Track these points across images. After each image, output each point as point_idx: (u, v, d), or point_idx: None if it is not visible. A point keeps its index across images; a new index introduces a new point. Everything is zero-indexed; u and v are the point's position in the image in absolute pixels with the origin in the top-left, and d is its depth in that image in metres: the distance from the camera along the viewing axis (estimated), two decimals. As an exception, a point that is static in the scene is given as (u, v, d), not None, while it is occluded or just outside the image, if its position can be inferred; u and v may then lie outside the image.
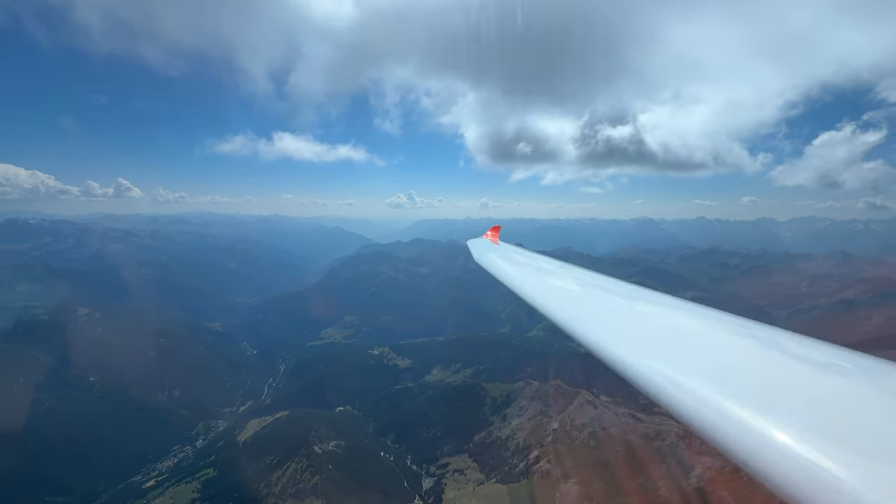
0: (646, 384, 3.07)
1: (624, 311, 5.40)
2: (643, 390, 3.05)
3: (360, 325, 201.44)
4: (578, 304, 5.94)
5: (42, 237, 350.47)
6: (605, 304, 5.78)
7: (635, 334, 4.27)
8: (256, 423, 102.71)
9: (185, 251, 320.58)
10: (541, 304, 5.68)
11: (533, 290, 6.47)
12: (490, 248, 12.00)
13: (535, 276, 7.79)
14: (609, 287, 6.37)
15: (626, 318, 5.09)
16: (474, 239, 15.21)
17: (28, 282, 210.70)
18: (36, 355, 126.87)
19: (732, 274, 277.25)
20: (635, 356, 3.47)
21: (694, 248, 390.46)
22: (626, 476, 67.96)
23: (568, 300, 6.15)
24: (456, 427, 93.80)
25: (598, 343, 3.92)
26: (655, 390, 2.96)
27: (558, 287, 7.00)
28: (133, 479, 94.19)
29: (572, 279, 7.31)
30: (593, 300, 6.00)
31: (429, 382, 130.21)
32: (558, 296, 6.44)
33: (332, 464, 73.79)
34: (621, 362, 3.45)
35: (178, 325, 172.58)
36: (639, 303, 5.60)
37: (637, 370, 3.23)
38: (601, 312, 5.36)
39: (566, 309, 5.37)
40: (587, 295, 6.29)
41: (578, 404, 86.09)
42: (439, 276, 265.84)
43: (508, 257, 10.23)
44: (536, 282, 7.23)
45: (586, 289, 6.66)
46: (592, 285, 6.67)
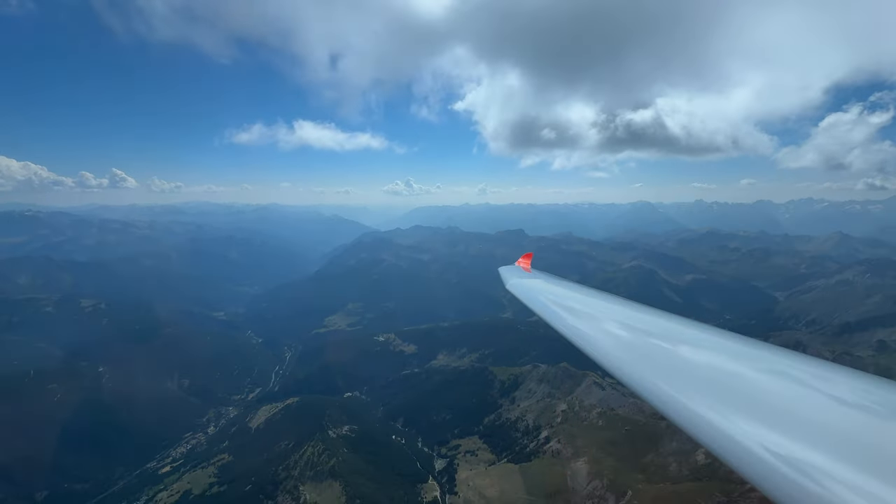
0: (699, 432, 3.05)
1: (679, 357, 5.04)
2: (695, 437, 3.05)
3: (364, 313, 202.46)
4: (622, 343, 5.69)
5: (38, 230, 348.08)
6: (650, 346, 5.42)
7: (697, 387, 4.03)
8: (267, 410, 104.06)
9: (185, 241, 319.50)
10: (583, 345, 5.66)
11: (573, 329, 6.36)
12: (523, 277, 11.92)
13: (573, 313, 7.51)
14: (653, 324, 6.07)
15: (681, 365, 4.76)
16: (506, 266, 14.95)
17: (29, 274, 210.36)
18: (44, 347, 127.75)
19: (732, 256, 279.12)
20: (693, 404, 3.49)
21: (693, 231, 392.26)
22: (636, 454, 69.71)
23: (611, 339, 5.85)
24: (465, 410, 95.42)
25: (642, 385, 4.07)
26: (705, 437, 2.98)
27: (600, 324, 6.67)
28: (148, 466, 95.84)
29: (610, 313, 7.14)
30: (635, 340, 5.76)
31: (435, 367, 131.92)
32: (600, 334, 6.12)
33: (346, 447, 75.27)
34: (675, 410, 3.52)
35: (182, 315, 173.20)
36: (695, 348, 5.19)
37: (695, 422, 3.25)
38: (648, 353, 5.16)
39: (609, 349, 5.34)
40: (629, 335, 5.97)
41: (586, 386, 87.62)
42: (440, 263, 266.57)
43: (544, 289, 10.00)
44: (576, 319, 6.99)
45: (624, 324, 6.38)
46: (632, 321, 6.43)
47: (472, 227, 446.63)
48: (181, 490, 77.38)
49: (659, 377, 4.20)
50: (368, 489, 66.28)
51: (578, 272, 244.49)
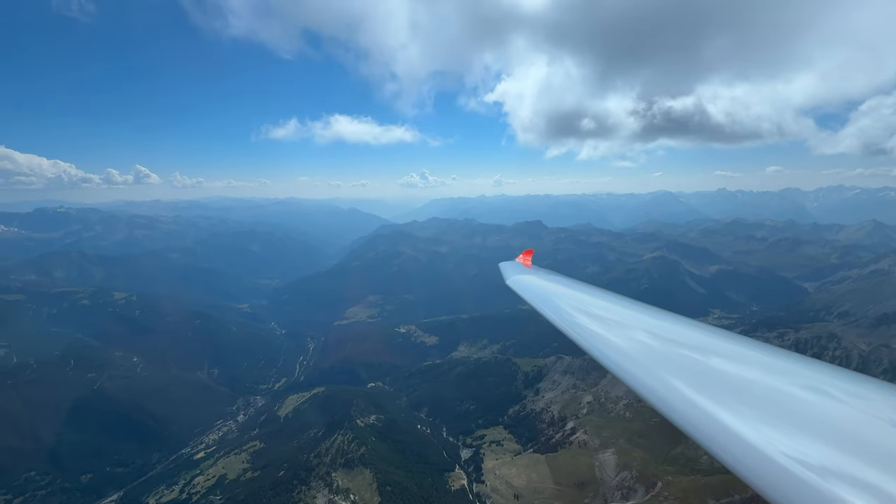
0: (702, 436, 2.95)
1: (669, 351, 4.92)
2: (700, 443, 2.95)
3: (384, 304, 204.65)
4: (621, 340, 5.41)
5: (70, 225, 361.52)
6: (651, 345, 5.20)
7: (689, 378, 4.01)
8: (295, 399, 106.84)
9: (209, 236, 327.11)
10: (581, 342, 5.51)
11: (571, 325, 6.28)
12: (524, 273, 11.78)
13: (572, 310, 7.38)
14: (656, 322, 5.87)
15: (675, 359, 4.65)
16: (506, 262, 14.89)
17: (65, 269, 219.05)
18: (82, 338, 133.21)
19: (759, 246, 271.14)
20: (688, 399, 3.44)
21: (716, 221, 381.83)
22: (665, 445, 69.04)
23: (610, 336, 5.61)
24: (489, 401, 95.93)
25: (643, 384, 3.94)
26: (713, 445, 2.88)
27: (598, 320, 6.45)
28: (183, 452, 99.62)
29: (610, 311, 6.92)
30: (635, 338, 5.47)
31: (457, 358, 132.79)
32: (599, 330, 5.92)
33: (374, 436, 76.71)
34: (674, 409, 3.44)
35: (209, 307, 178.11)
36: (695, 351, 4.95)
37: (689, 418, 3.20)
38: (649, 354, 4.93)
39: (607, 346, 5.19)
40: (628, 332, 5.71)
41: (612, 377, 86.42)
42: (458, 255, 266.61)
43: (544, 286, 9.82)
44: (575, 316, 6.87)
45: (623, 322, 6.17)
46: (634, 321, 6.15)
47: (489, 218, 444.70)
48: (216, 475, 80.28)
49: (659, 375, 4.09)
50: (398, 477, 67.51)
51: (599, 263, 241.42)
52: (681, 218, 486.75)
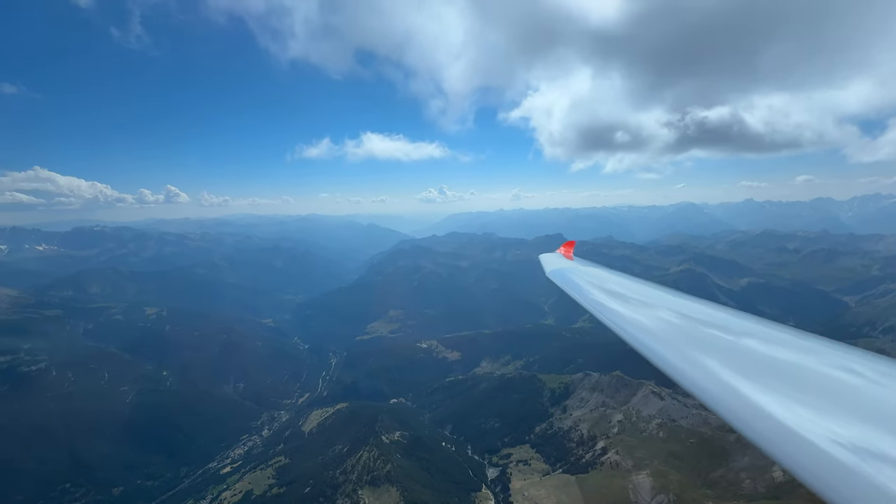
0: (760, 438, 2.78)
1: (730, 349, 4.56)
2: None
3: (405, 320, 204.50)
4: (675, 332, 5.17)
5: (105, 243, 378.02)
6: (709, 336, 4.96)
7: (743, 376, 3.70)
8: (319, 414, 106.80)
9: (234, 252, 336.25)
10: (631, 336, 5.16)
11: (619, 318, 5.93)
12: (565, 266, 11.36)
13: (619, 302, 6.99)
14: (705, 315, 5.60)
15: (733, 357, 4.31)
16: (546, 254, 14.51)
17: (99, 284, 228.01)
18: (116, 352, 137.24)
19: (792, 258, 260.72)
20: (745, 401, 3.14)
21: (745, 233, 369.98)
22: (703, 468, 65.76)
23: (663, 328, 5.34)
24: (514, 418, 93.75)
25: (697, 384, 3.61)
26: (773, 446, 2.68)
27: (650, 311, 6.18)
28: (209, 466, 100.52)
29: (662, 301, 6.57)
30: (691, 333, 5.17)
31: (480, 374, 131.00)
32: (651, 322, 5.61)
33: (399, 453, 75.73)
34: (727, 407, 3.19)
35: (235, 321, 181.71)
36: (746, 338, 4.74)
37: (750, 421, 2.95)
38: (707, 344, 4.68)
39: (661, 339, 4.87)
40: (682, 326, 5.44)
41: (643, 395, 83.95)
42: (479, 269, 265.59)
43: (587, 279, 9.37)
44: (623, 308, 6.52)
45: (679, 317, 5.82)
46: (686, 313, 5.87)
47: (508, 232, 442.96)
48: (243, 490, 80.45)
49: (718, 369, 3.79)
50: (425, 496, 66.22)
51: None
52: (706, 230, 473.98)
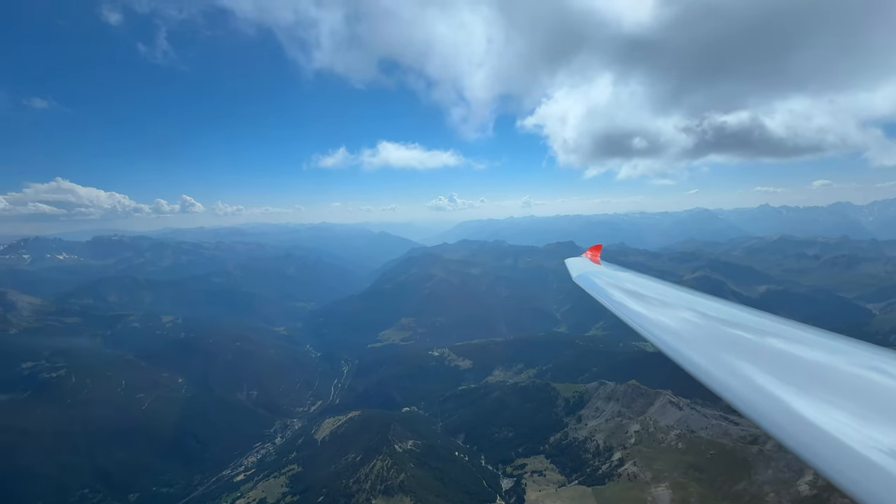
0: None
1: (770, 353, 4.33)
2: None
3: (416, 328, 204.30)
4: (709, 337, 4.95)
5: (123, 252, 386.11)
6: (741, 340, 4.75)
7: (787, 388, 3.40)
8: (331, 423, 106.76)
9: (247, 260, 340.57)
10: (662, 342, 4.93)
11: (649, 323, 5.65)
12: (592, 270, 11.03)
13: (650, 306, 6.68)
14: (745, 322, 5.33)
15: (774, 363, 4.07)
16: (573, 258, 14.16)
17: (117, 293, 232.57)
18: (133, 360, 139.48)
19: (811, 265, 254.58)
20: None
21: (761, 239, 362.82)
22: (724, 481, 63.88)
23: (698, 334, 5.12)
24: (528, 428, 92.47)
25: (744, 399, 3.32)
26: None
27: (681, 315, 5.88)
28: (223, 473, 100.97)
29: (694, 305, 6.29)
30: (723, 333, 4.98)
31: (492, 383, 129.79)
32: (684, 327, 5.39)
33: (412, 462, 75.17)
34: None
35: (248, 329, 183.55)
36: (795, 345, 4.49)
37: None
38: (739, 347, 4.47)
39: (695, 344, 4.64)
40: (723, 331, 5.21)
41: (660, 405, 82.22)
42: (490, 277, 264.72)
43: (617, 283, 9.02)
44: (653, 312, 6.23)
45: (711, 322, 5.57)
46: (720, 320, 5.58)
47: (519, 240, 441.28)
48: (257, 498, 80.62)
49: (759, 379, 3.54)
50: (438, 506, 65.54)
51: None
52: (721, 236, 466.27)
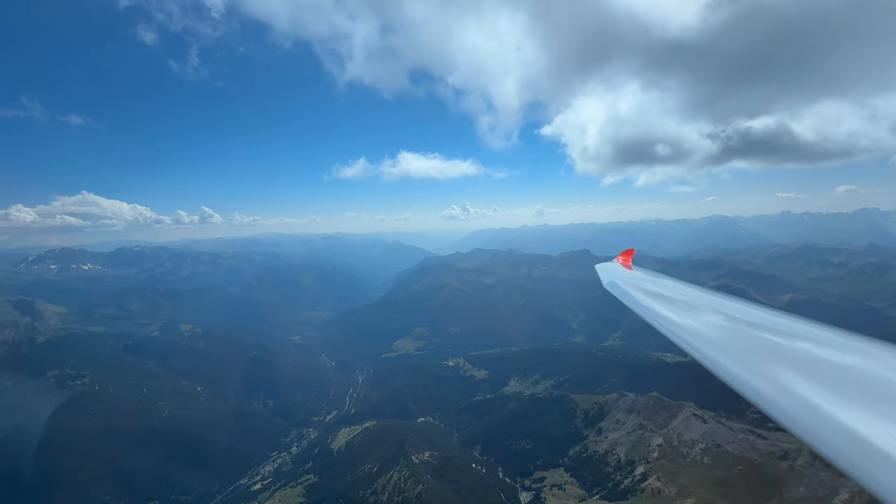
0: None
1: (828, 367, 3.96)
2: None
3: (431, 337, 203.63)
4: (752, 348, 4.72)
5: (144, 262, 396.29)
6: (791, 350, 4.48)
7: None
8: (347, 432, 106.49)
9: (264, 270, 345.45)
10: (699, 352, 4.66)
11: (686, 332, 5.35)
12: (625, 276, 10.52)
13: (686, 313, 6.25)
14: (791, 326, 5.06)
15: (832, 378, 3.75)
16: (603, 263, 13.66)
17: (139, 302, 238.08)
18: (153, 368, 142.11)
19: (837, 273, 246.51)
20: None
21: (783, 247, 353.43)
22: (755, 498, 61.40)
23: (739, 345, 4.83)
24: (546, 440, 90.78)
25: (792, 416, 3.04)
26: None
27: (721, 324, 5.55)
28: (240, 482, 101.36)
29: (734, 312, 5.91)
30: (767, 342, 4.72)
31: (508, 394, 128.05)
32: (725, 337, 5.10)
33: (430, 474, 74.28)
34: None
35: (265, 338, 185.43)
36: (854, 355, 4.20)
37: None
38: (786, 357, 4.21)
39: (735, 355, 4.39)
40: (760, 334, 4.98)
41: (684, 418, 79.87)
42: (504, 286, 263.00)
43: (653, 290, 8.55)
44: (690, 320, 5.86)
45: (753, 323, 5.34)
46: (761, 320, 5.31)
47: (533, 248, 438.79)
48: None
49: (799, 388, 3.32)
50: (456, 520, 64.43)
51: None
52: (741, 243, 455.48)
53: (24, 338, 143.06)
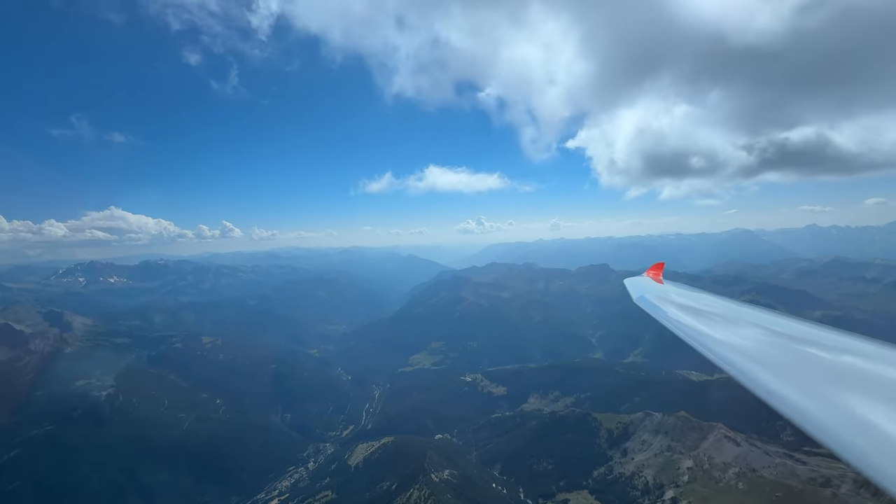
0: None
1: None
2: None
3: (447, 352, 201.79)
4: (793, 365, 4.36)
5: (167, 275, 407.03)
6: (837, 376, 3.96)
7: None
8: (364, 448, 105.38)
9: (282, 283, 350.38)
10: (739, 371, 4.26)
11: (724, 349, 4.97)
12: (655, 290, 10.07)
13: (724, 330, 5.83)
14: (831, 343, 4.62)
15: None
16: (633, 277, 13.22)
17: (162, 314, 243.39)
18: (175, 380, 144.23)
19: (871, 288, 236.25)
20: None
21: (812, 261, 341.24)
22: (795, 528, 57.86)
23: (780, 362, 4.46)
24: (569, 460, 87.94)
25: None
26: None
27: (762, 344, 5.14)
28: (258, 497, 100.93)
29: (776, 327, 5.50)
30: (809, 366, 4.30)
31: (528, 411, 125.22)
32: (766, 352, 4.72)
33: (450, 493, 72.53)
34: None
35: (283, 351, 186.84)
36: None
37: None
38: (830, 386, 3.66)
39: (777, 374, 3.96)
40: (802, 349, 4.60)
41: (715, 440, 76.45)
42: (521, 300, 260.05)
43: (684, 304, 8.14)
44: (729, 335, 5.47)
45: (795, 337, 4.95)
46: (805, 335, 4.95)
47: (549, 262, 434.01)
48: (291, 525, 79.56)
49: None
50: (478, 542, 62.44)
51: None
52: (766, 258, 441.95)
53: (54, 348, 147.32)
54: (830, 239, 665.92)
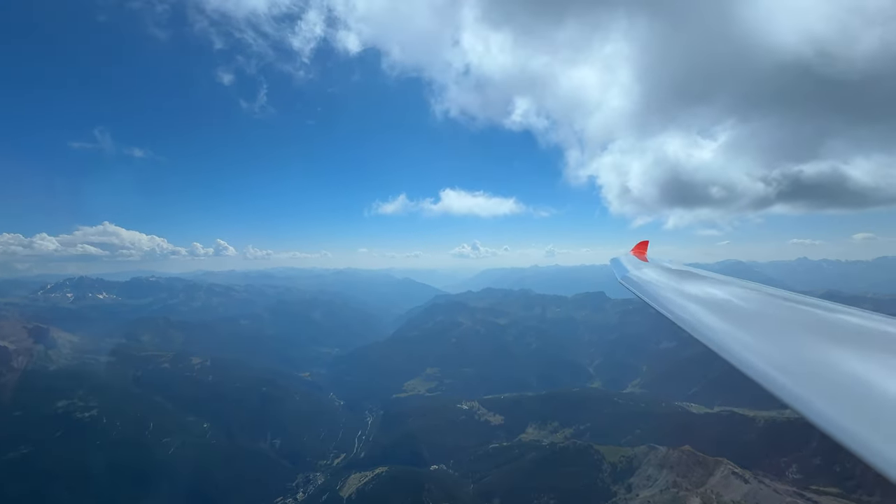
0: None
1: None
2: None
3: (442, 378, 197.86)
4: (789, 346, 3.89)
5: (158, 293, 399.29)
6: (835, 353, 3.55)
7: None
8: (357, 479, 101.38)
9: (276, 303, 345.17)
10: (726, 350, 3.88)
11: (712, 330, 4.55)
12: (641, 268, 9.89)
13: (714, 308, 5.46)
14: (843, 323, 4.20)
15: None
16: (618, 256, 12.85)
17: (151, 333, 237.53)
18: (160, 402, 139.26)
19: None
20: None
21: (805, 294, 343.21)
22: (811, 574, 55.46)
23: (772, 342, 4.04)
24: (571, 495, 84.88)
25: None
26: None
27: (752, 324, 4.73)
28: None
29: (770, 313, 5.09)
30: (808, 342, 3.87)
31: (526, 442, 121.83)
32: (758, 333, 4.31)
33: (448, 529, 69.30)
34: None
35: (274, 374, 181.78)
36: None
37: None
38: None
39: (768, 355, 3.55)
40: (799, 332, 4.17)
41: (722, 476, 74.29)
42: (518, 327, 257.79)
43: (669, 281, 7.77)
44: (718, 317, 5.04)
45: (794, 321, 4.53)
46: (802, 316, 4.60)
47: (545, 289, 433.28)
48: (279, 562, 75.14)
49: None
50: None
51: (675, 338, 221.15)
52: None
53: (37, 366, 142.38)
54: (822, 272, 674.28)
